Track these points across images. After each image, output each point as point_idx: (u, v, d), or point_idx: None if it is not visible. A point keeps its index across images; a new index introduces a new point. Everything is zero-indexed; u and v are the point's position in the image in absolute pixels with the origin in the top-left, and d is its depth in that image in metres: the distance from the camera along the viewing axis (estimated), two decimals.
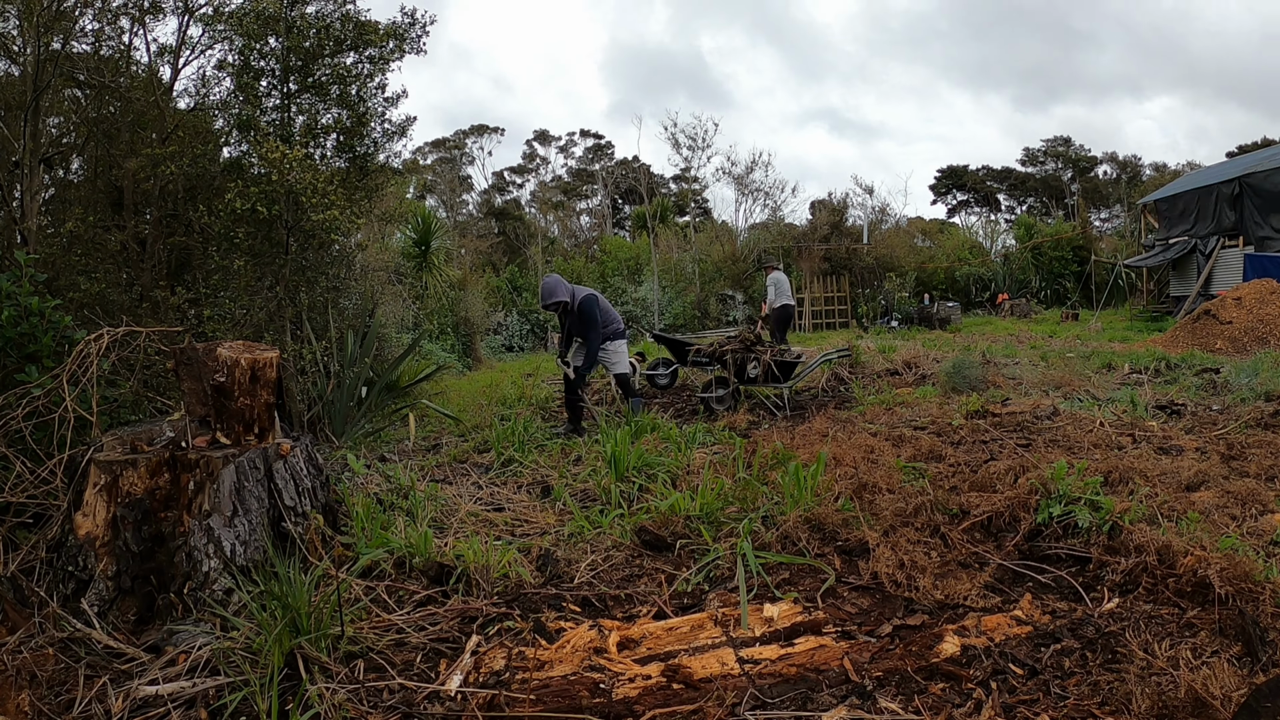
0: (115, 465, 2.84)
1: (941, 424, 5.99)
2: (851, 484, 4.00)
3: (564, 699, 2.26)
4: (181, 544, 2.80)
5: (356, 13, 7.45)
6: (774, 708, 2.21)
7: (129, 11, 7.21)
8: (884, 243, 24.01)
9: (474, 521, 3.93)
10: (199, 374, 3.23)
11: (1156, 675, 2.21)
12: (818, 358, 8.29)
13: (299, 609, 2.47)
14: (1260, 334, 10.54)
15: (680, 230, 28.34)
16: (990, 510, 3.55)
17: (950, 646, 2.48)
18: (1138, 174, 39.43)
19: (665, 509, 3.84)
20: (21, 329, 3.82)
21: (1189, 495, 3.73)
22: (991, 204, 43.16)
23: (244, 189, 6.20)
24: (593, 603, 2.99)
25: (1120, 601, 2.74)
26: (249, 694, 2.25)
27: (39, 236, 6.53)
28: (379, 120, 7.69)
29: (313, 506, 3.23)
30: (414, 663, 2.54)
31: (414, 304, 16.05)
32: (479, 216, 41.01)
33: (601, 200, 42.65)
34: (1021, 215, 35.80)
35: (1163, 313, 18.45)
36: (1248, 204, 16.14)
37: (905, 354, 10.31)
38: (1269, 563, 2.76)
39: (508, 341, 22.17)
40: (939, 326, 18.34)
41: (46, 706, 2.25)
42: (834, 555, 3.35)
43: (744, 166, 25.08)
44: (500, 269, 27.89)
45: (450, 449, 5.87)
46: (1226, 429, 5.33)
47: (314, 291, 6.91)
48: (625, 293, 24.27)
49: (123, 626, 2.70)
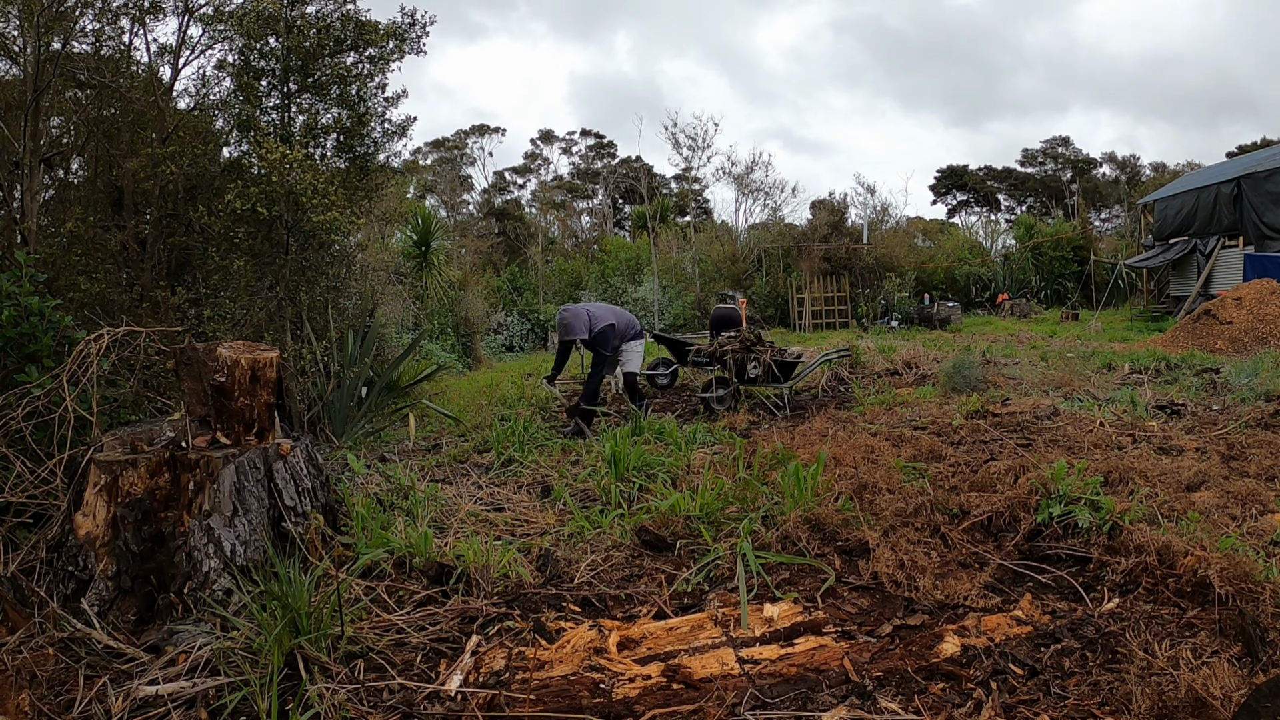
0: (115, 465, 2.84)
1: (941, 424, 5.99)
2: (851, 484, 4.00)
3: (564, 699, 2.26)
4: (181, 544, 2.80)
5: (356, 12, 7.44)
6: (774, 708, 2.21)
7: (129, 11, 7.20)
8: (884, 243, 23.99)
9: (474, 521, 3.93)
10: (199, 374, 3.23)
11: (1156, 675, 2.21)
12: (818, 358, 8.30)
13: (299, 609, 2.47)
14: (1260, 334, 10.54)
15: (680, 230, 28.34)
16: (990, 510, 3.55)
17: (950, 646, 2.48)
18: (1138, 174, 39.45)
19: (665, 509, 3.84)
20: (21, 329, 3.82)
21: (1189, 495, 3.73)
22: (991, 204, 43.15)
23: (244, 189, 6.20)
24: (593, 603, 2.99)
25: (1120, 601, 2.74)
26: (249, 694, 2.25)
27: (39, 236, 6.53)
28: (379, 120, 7.69)
29: (313, 506, 3.23)
30: (414, 663, 2.54)
31: (414, 304, 16.06)
32: (479, 216, 40.98)
33: (602, 200, 42.65)
34: (1021, 215, 35.80)
35: (1163, 313, 18.45)
36: (1247, 204, 16.13)
37: (905, 354, 10.31)
38: (1269, 563, 2.76)
39: (508, 341, 22.16)
40: (939, 326, 18.34)
41: (46, 706, 2.25)
42: (834, 555, 3.35)
43: (744, 166, 25.10)
44: (500, 269, 27.90)
45: (450, 449, 5.87)
46: (1226, 429, 5.33)
47: (314, 291, 6.91)
48: (625, 293, 24.27)
49: (123, 626, 2.70)
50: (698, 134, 23.93)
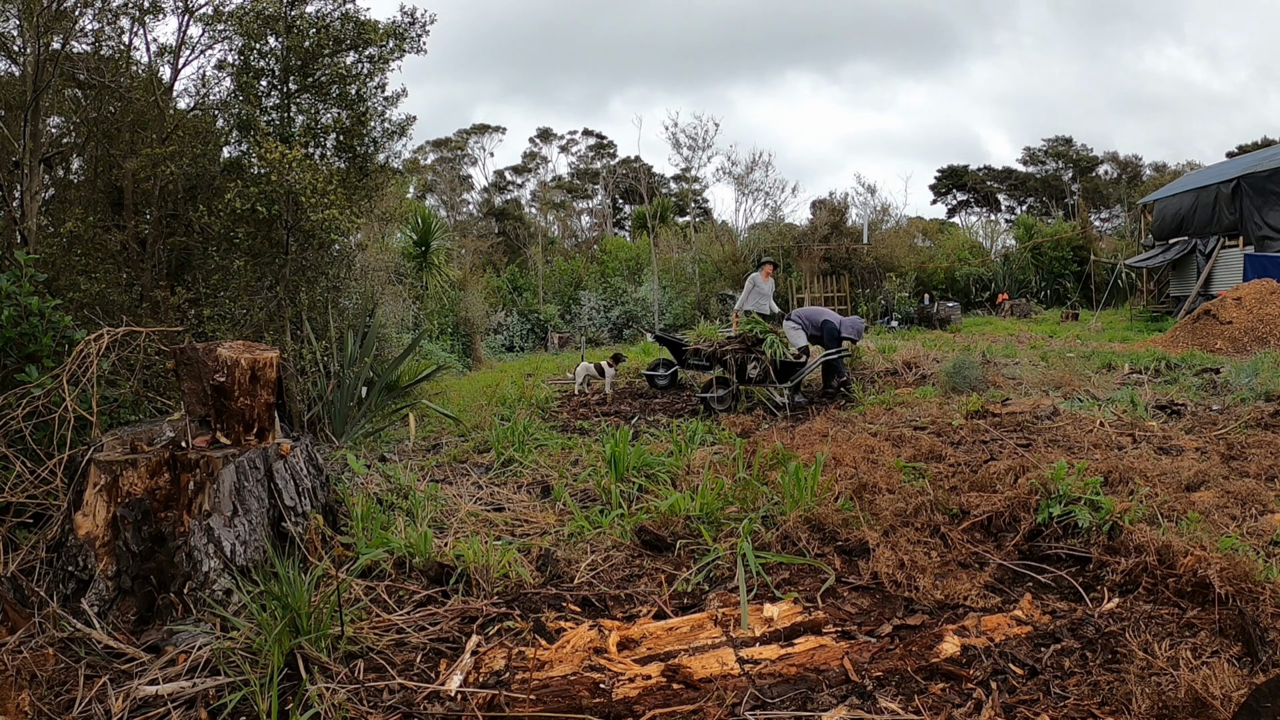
0: (115, 465, 2.84)
1: (941, 424, 5.99)
2: (851, 484, 4.00)
3: (564, 699, 2.26)
4: (181, 544, 2.80)
5: (356, 12, 7.45)
6: (774, 708, 2.21)
7: (129, 11, 7.21)
8: (884, 243, 23.97)
9: (474, 521, 3.93)
10: (199, 374, 3.23)
11: (1156, 675, 2.21)
12: (817, 358, 8.29)
13: (299, 609, 2.47)
14: (1260, 334, 10.54)
15: (680, 230, 28.31)
16: (990, 510, 3.55)
17: (950, 646, 2.48)
18: (1138, 174, 39.42)
19: (665, 509, 3.84)
20: (21, 329, 3.82)
21: (1189, 495, 3.73)
22: (991, 204, 43.12)
23: (244, 189, 6.20)
24: (593, 603, 2.99)
25: (1120, 601, 2.74)
26: (249, 694, 2.25)
27: (39, 236, 6.53)
28: (379, 120, 7.70)
29: (313, 506, 3.22)
30: (414, 663, 2.54)
31: (414, 304, 16.05)
32: (479, 216, 40.95)
33: (602, 200, 42.63)
34: (1021, 215, 35.75)
35: (1163, 313, 18.43)
36: (1247, 204, 16.13)
37: (905, 354, 10.31)
38: (1269, 563, 2.76)
39: (508, 341, 22.16)
40: (939, 326, 18.34)
41: (46, 706, 2.25)
42: (834, 555, 3.35)
43: (744, 166, 25.05)
44: (500, 269, 27.87)
45: (450, 449, 5.87)
46: (1226, 429, 5.33)
47: (314, 291, 6.91)
48: (625, 293, 24.26)
49: (123, 626, 2.70)
50: (698, 134, 23.92)
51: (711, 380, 7.63)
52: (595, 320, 23.30)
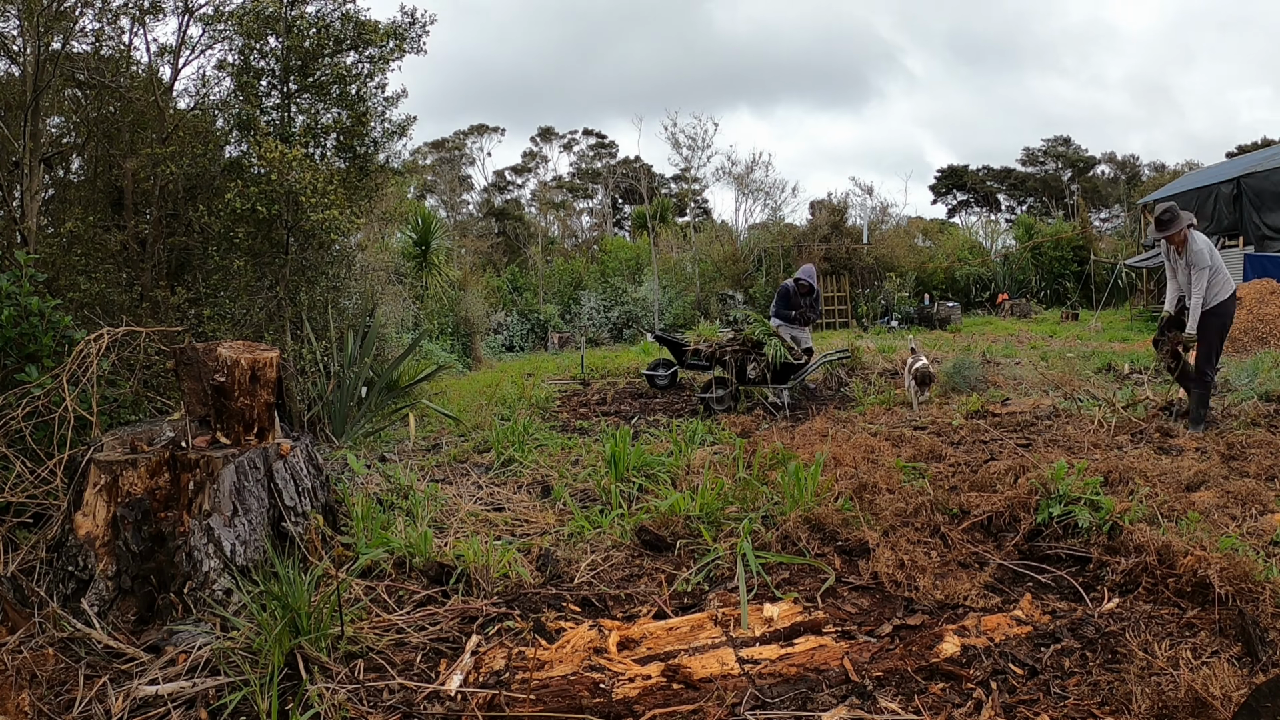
0: (115, 465, 2.84)
1: (941, 424, 5.99)
2: (851, 484, 4.00)
3: (564, 699, 2.26)
4: (181, 544, 2.80)
5: (356, 12, 7.46)
6: (774, 708, 2.21)
7: (129, 11, 7.21)
8: (884, 243, 23.98)
9: (474, 521, 3.93)
10: (199, 374, 3.23)
11: (1156, 675, 2.21)
12: (818, 359, 8.29)
13: (299, 609, 2.47)
14: (1260, 334, 10.53)
15: (680, 230, 28.31)
16: (990, 510, 3.55)
17: (950, 646, 2.48)
18: (1137, 174, 39.40)
19: (665, 509, 3.84)
20: (21, 329, 3.82)
21: (1189, 495, 3.74)
22: (991, 204, 43.11)
23: (244, 189, 6.20)
24: (593, 603, 2.99)
25: (1120, 601, 2.74)
26: (249, 694, 2.25)
27: (39, 236, 6.53)
28: (379, 120, 7.70)
29: (313, 506, 3.22)
30: (414, 663, 2.54)
31: (414, 304, 16.05)
32: (479, 216, 40.92)
33: (602, 200, 42.62)
34: (1021, 215, 35.74)
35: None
36: (1247, 204, 16.13)
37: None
38: (1269, 563, 2.76)
39: (508, 341, 22.16)
40: (939, 326, 18.34)
41: (46, 706, 2.25)
42: (834, 555, 3.35)
43: (744, 166, 25.06)
44: (500, 269, 27.86)
45: (450, 449, 5.87)
46: (1226, 429, 5.33)
47: (314, 291, 6.92)
48: (625, 293, 24.26)
49: (123, 626, 2.70)
50: (697, 134, 23.92)
51: (711, 380, 7.63)
52: (595, 320, 23.31)
